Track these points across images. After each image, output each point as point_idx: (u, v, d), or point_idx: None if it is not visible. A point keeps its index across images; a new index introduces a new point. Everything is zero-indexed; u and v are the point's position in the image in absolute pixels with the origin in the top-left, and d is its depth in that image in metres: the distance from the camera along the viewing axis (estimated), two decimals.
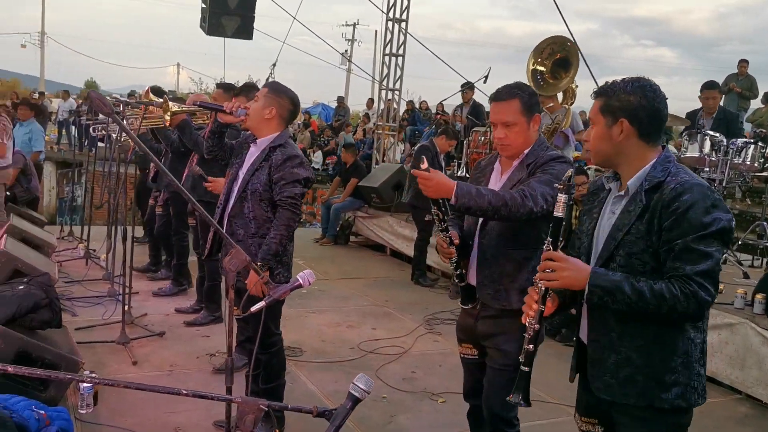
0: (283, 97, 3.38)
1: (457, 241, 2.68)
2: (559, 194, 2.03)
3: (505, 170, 2.78)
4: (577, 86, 7.81)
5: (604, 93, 2.10)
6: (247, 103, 3.55)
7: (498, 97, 2.71)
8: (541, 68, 7.86)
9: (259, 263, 3.16)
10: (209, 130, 3.48)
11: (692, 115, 7.11)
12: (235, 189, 3.40)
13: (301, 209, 3.42)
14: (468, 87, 9.80)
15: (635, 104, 2.04)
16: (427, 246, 7.46)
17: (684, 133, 6.72)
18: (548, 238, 2.06)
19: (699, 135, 6.33)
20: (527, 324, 2.14)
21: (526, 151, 2.70)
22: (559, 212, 2.04)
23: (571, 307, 2.28)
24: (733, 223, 1.98)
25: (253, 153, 3.41)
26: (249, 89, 5.22)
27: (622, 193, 2.09)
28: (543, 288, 2.08)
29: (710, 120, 6.84)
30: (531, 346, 2.13)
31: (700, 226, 1.90)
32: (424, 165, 2.47)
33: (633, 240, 2.01)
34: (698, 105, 7.14)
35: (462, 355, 2.98)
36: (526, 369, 2.15)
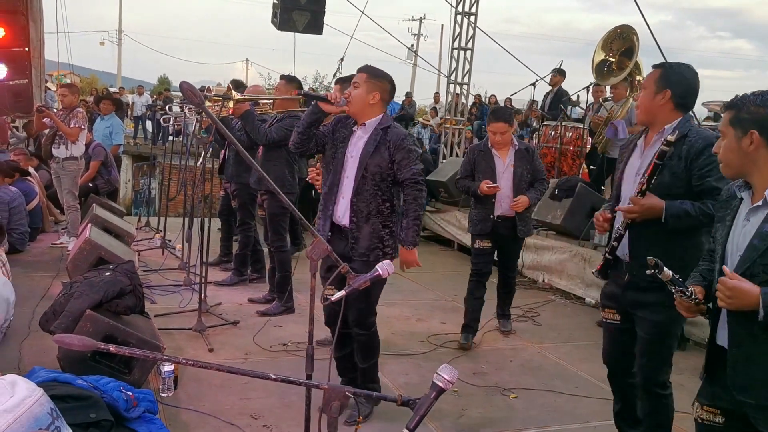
0: (382, 80, 3.50)
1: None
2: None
3: (648, 144, 2.98)
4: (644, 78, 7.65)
5: (734, 106, 2.18)
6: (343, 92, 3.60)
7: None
8: (612, 59, 7.83)
9: (410, 246, 3.47)
10: (307, 122, 3.45)
11: None
12: (345, 173, 3.48)
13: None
14: (558, 72, 9.72)
15: (764, 115, 2.10)
16: None
17: None
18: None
19: None
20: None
21: (668, 126, 2.86)
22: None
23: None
24: None
25: (361, 136, 3.49)
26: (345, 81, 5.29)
27: (760, 203, 2.10)
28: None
29: None
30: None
31: None
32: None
33: None
34: None
35: (604, 319, 3.16)
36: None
